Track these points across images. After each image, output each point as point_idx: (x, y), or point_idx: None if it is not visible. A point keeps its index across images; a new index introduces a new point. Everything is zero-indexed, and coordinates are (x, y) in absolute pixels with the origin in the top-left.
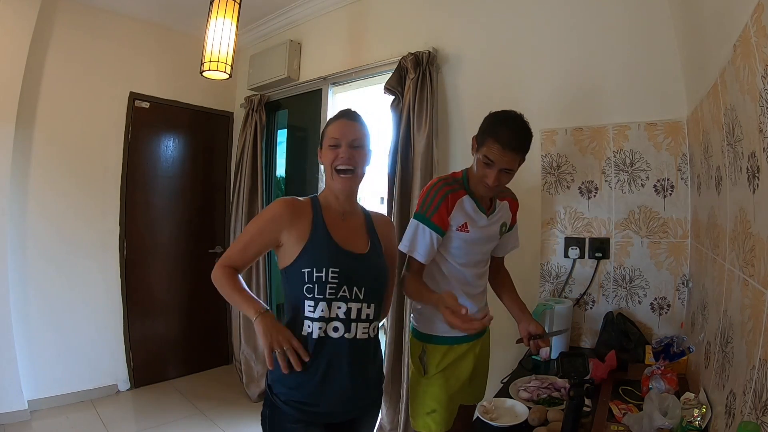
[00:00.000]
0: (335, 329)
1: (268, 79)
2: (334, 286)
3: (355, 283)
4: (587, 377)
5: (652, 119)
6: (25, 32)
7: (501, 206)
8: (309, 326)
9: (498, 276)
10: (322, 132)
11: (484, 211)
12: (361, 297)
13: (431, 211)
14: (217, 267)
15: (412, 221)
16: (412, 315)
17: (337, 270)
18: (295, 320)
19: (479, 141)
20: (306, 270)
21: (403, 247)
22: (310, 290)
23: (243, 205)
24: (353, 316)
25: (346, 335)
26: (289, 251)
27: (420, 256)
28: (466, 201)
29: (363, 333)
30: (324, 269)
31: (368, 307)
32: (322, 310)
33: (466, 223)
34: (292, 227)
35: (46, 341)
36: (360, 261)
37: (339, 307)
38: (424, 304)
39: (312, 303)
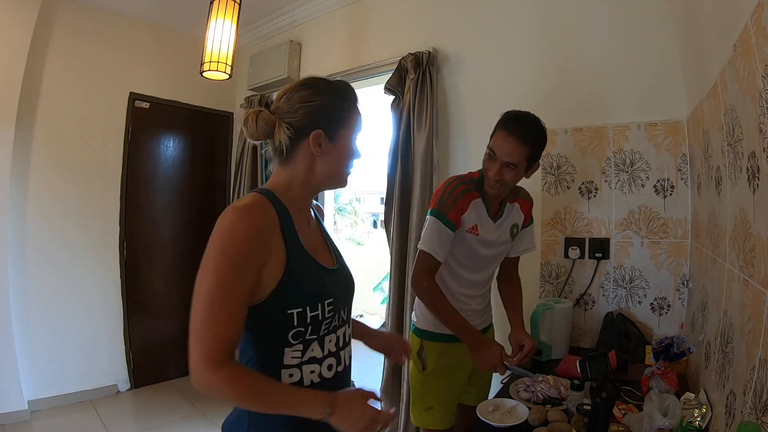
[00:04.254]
0: (329, 367)
1: (268, 79)
2: (329, 319)
3: (342, 305)
4: (611, 375)
5: (652, 119)
6: (25, 33)
7: (510, 208)
8: (293, 374)
9: (510, 287)
10: (346, 120)
11: (492, 216)
12: (345, 318)
13: (448, 206)
14: (213, 372)
15: (431, 218)
16: (413, 312)
17: (332, 299)
18: (267, 371)
19: (491, 136)
20: (296, 311)
21: (423, 245)
22: (300, 334)
23: None
24: (341, 344)
25: (338, 369)
26: (260, 285)
27: (439, 255)
28: (478, 203)
29: (348, 357)
30: (320, 305)
31: (348, 326)
32: (313, 351)
33: (476, 226)
34: (268, 251)
35: (46, 341)
36: (336, 276)
37: (330, 341)
38: (447, 326)
39: (299, 348)
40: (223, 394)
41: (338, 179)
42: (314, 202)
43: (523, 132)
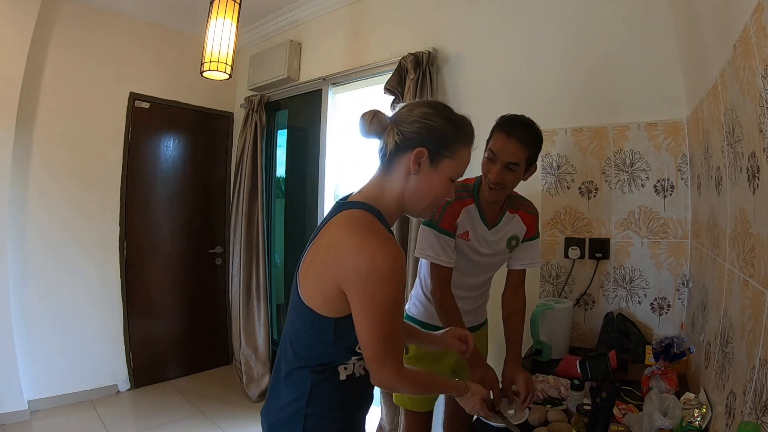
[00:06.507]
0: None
1: (268, 79)
2: None
3: None
4: (611, 375)
5: (652, 119)
6: (26, 32)
7: (509, 219)
8: (347, 368)
9: (512, 304)
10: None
11: (487, 223)
12: None
13: (438, 215)
14: (399, 377)
15: (425, 228)
16: (408, 299)
17: None
18: (327, 373)
19: (487, 141)
20: None
21: (424, 255)
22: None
23: (243, 206)
24: None
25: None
26: None
27: (445, 262)
28: (471, 209)
29: None
30: None
31: None
32: (359, 348)
33: (467, 232)
34: None
35: (46, 341)
36: None
37: None
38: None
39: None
40: (403, 390)
41: (423, 206)
42: None
43: (522, 134)
